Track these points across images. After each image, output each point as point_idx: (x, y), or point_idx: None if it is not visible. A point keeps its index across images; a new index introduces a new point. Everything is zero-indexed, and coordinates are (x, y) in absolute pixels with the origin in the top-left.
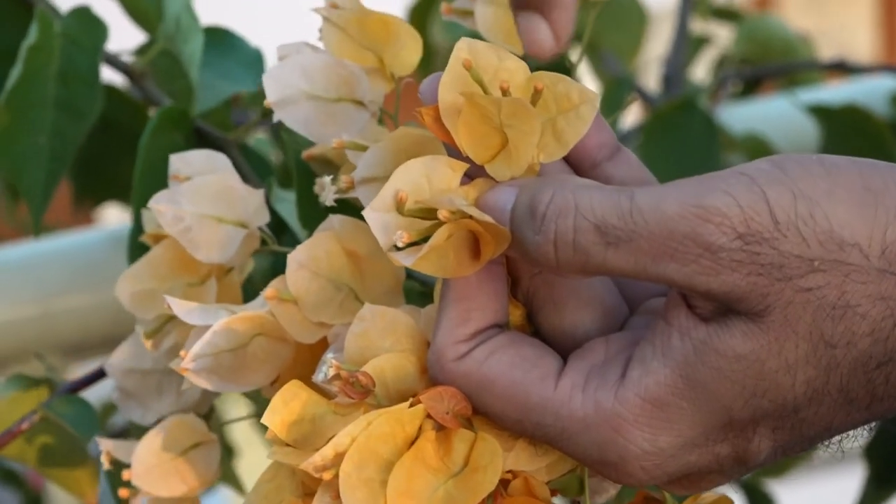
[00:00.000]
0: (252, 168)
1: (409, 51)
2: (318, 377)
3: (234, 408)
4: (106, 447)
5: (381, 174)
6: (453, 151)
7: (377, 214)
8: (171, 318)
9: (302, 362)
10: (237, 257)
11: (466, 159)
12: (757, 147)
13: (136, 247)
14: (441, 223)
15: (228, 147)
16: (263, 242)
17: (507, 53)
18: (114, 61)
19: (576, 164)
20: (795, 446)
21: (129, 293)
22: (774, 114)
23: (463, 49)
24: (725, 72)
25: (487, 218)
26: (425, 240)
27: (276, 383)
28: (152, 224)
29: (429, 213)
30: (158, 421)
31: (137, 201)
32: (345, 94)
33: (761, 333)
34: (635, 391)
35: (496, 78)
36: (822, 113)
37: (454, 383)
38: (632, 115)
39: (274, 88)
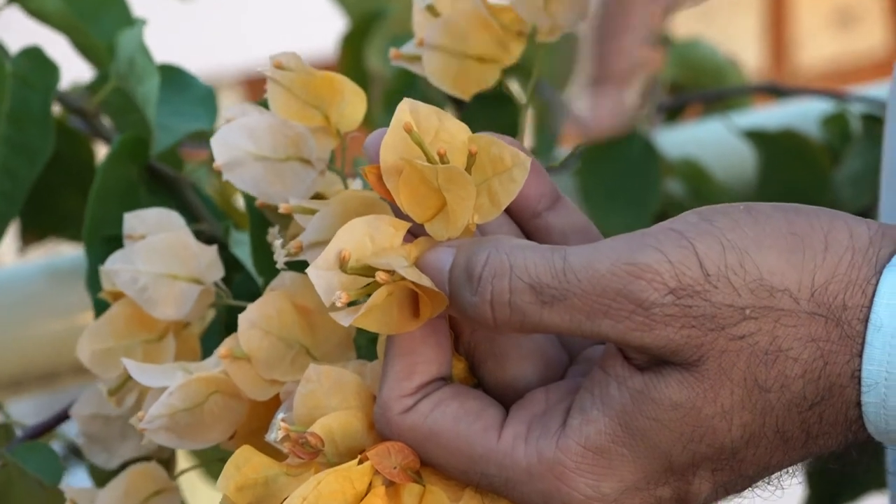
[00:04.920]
0: (205, 206)
1: (354, 107)
2: (271, 437)
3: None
4: (70, 495)
5: (329, 237)
6: (396, 209)
7: (320, 272)
8: None
9: (258, 417)
10: (193, 313)
11: (407, 218)
12: (693, 172)
13: (94, 274)
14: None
15: (181, 185)
16: (219, 295)
17: (448, 115)
18: (65, 100)
19: (517, 214)
20: (736, 485)
21: (89, 352)
22: (709, 138)
23: (405, 111)
24: (658, 96)
25: (425, 281)
26: (368, 297)
27: (233, 439)
28: (109, 282)
29: (371, 271)
30: (123, 465)
31: (90, 227)
32: (292, 154)
33: (696, 382)
34: (576, 439)
35: (437, 139)
36: (758, 138)
37: (401, 437)
38: (566, 141)
39: (221, 151)
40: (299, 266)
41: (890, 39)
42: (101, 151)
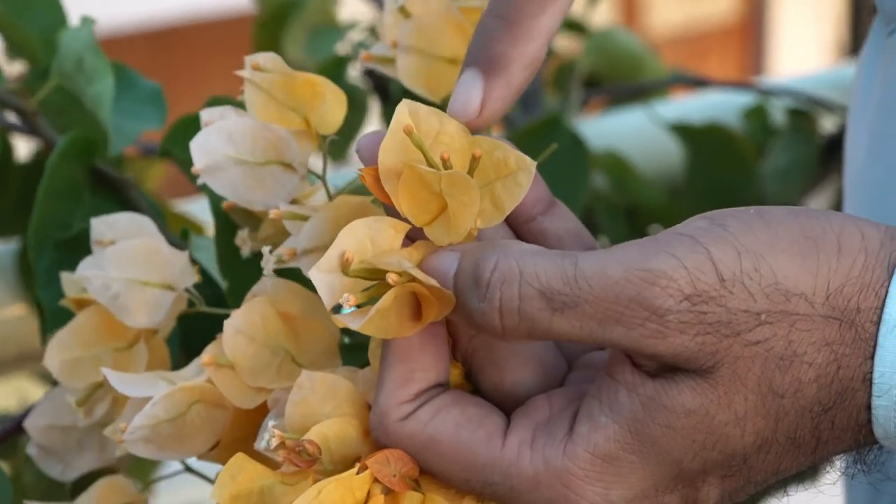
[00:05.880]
0: (151, 208)
1: (335, 111)
2: (261, 445)
3: None
4: None
5: (322, 244)
6: (392, 211)
7: (323, 275)
8: (102, 385)
9: (241, 426)
10: (166, 320)
11: (406, 221)
12: (616, 164)
13: (45, 276)
14: (386, 284)
15: (126, 187)
16: (191, 303)
17: (448, 118)
18: (3, 100)
19: (512, 218)
20: (743, 491)
21: (58, 362)
22: (631, 129)
23: (404, 113)
24: (575, 88)
25: (434, 282)
26: (368, 301)
27: (216, 448)
28: (74, 289)
29: (372, 274)
30: (80, 478)
31: (36, 229)
32: (272, 158)
33: (710, 389)
34: (584, 447)
35: (437, 142)
36: (683, 132)
37: (399, 444)
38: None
39: (200, 155)
40: (283, 273)
41: (737, 4)
42: (21, 146)
